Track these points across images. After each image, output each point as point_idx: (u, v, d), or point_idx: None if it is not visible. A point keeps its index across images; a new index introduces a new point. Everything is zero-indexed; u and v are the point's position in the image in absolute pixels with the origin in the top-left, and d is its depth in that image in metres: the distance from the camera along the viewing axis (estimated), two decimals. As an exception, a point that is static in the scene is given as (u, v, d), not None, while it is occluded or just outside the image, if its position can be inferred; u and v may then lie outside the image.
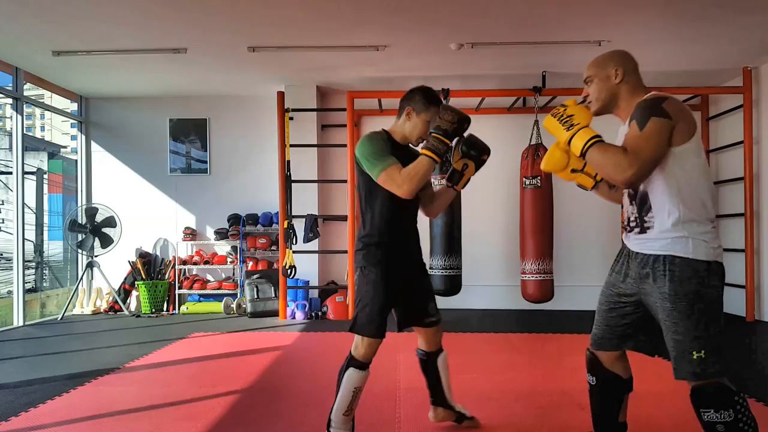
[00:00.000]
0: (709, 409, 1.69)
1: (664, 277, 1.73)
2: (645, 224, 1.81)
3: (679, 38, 4.84)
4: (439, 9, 4.24)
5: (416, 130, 2.28)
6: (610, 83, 1.90)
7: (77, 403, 2.99)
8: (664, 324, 1.75)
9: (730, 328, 5.26)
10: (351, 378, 2.21)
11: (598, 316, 2.00)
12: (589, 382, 2.06)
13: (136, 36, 4.75)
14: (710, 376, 1.69)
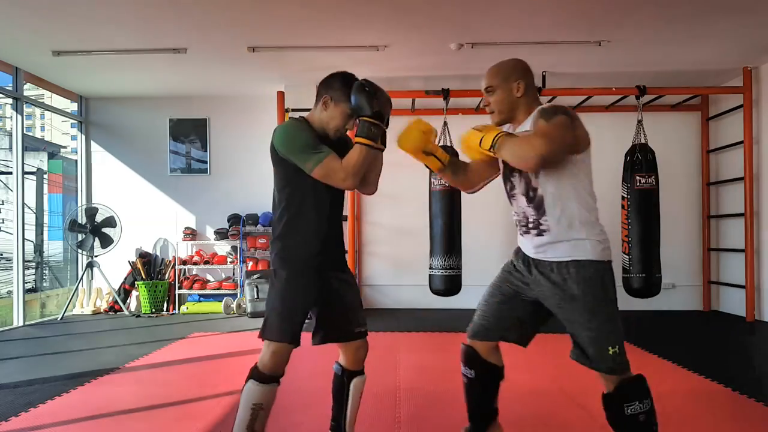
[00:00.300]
0: (633, 402, 1.78)
1: (572, 280, 1.81)
2: (541, 227, 1.88)
3: (679, 38, 4.84)
4: (439, 9, 4.24)
5: (333, 121, 2.01)
6: (512, 96, 1.93)
7: (77, 403, 2.99)
8: (572, 325, 1.84)
9: (730, 328, 5.27)
10: (250, 392, 1.94)
11: (485, 307, 2.06)
12: (467, 375, 2.10)
13: (136, 36, 4.75)
14: (624, 369, 1.80)
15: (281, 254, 1.99)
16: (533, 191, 1.89)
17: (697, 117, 6.36)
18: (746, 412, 2.82)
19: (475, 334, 2.07)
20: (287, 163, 1.95)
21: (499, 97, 1.94)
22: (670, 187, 5.95)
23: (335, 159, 1.90)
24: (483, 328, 2.05)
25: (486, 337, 2.05)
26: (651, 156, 5.16)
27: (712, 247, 6.26)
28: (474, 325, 2.09)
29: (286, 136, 1.98)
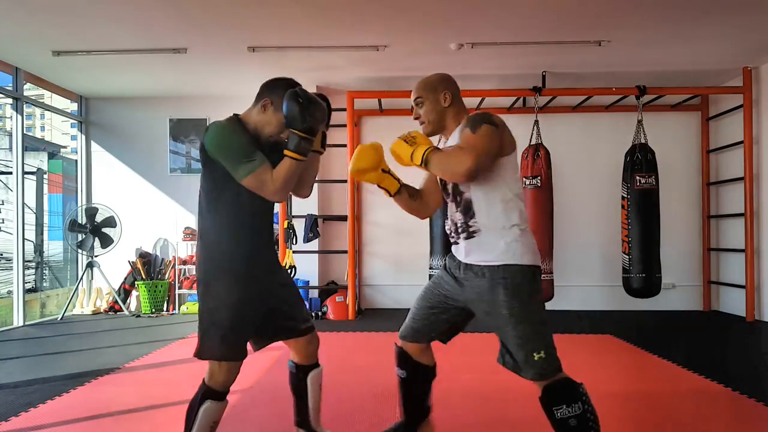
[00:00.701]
0: (561, 406, 1.77)
1: (500, 285, 1.81)
2: (470, 229, 1.90)
3: (679, 38, 4.84)
4: (439, 9, 4.24)
5: (269, 127, 1.96)
6: (440, 106, 1.98)
7: (77, 403, 2.99)
8: (500, 331, 1.85)
9: (730, 328, 5.27)
10: (209, 412, 1.91)
11: (416, 311, 2.10)
12: (399, 376, 2.15)
13: (136, 36, 4.75)
14: (552, 373, 1.80)
15: (218, 263, 1.89)
16: (460, 195, 1.94)
17: (697, 117, 6.37)
18: (746, 412, 2.82)
19: (405, 335, 2.14)
20: (217, 165, 1.86)
21: (428, 108, 1.99)
22: (670, 187, 5.95)
23: (267, 170, 1.84)
24: (412, 330, 2.12)
25: (415, 339, 2.12)
26: (651, 156, 5.16)
27: (712, 247, 6.26)
28: (405, 327, 2.15)
29: (221, 138, 1.87)
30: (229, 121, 1.94)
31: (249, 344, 2.00)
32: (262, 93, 1.99)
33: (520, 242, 1.85)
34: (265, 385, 3.32)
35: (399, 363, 2.16)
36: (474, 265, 1.89)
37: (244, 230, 1.91)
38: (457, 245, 1.98)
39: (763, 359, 4.17)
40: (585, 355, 4.06)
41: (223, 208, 1.90)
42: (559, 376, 1.82)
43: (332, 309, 5.83)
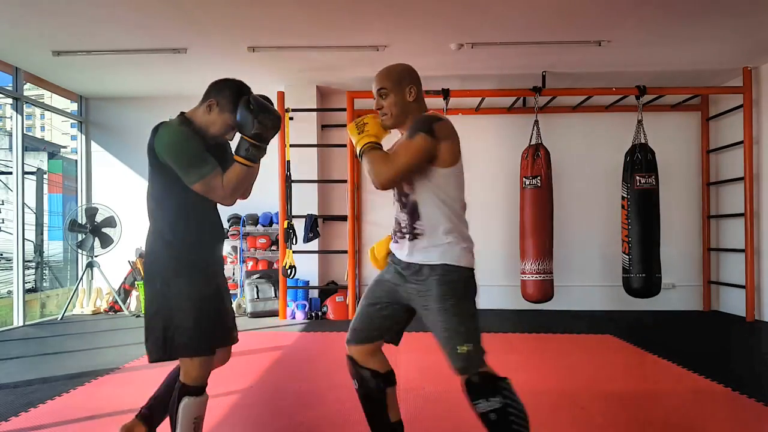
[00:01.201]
0: (479, 400, 1.80)
1: (436, 282, 1.86)
2: (415, 231, 1.93)
3: (679, 38, 4.84)
4: (439, 9, 4.24)
5: (214, 127, 1.99)
6: (404, 100, 1.95)
7: (77, 403, 2.99)
8: (434, 325, 1.88)
9: (730, 328, 5.27)
10: (189, 408, 1.89)
11: (359, 310, 2.08)
12: (354, 388, 2.08)
13: (136, 36, 4.75)
14: (475, 367, 1.83)
15: (177, 259, 1.89)
16: (405, 197, 1.95)
17: (697, 117, 6.36)
18: (746, 412, 2.82)
19: (349, 339, 2.08)
20: (168, 168, 1.87)
21: (392, 101, 1.95)
22: (670, 187, 5.95)
23: (218, 176, 1.87)
24: (354, 331, 2.06)
25: (358, 340, 2.05)
26: (651, 156, 5.16)
27: (712, 247, 6.26)
28: (349, 330, 2.09)
29: (174, 142, 1.88)
30: (180, 123, 1.96)
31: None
32: (208, 93, 2.03)
33: (458, 247, 1.89)
34: (265, 385, 3.32)
35: (350, 373, 2.07)
36: (414, 263, 1.92)
37: (198, 229, 1.95)
38: (398, 244, 2.00)
39: (763, 359, 4.17)
40: (585, 355, 4.06)
41: (181, 208, 1.92)
42: (479, 370, 1.83)
43: (332, 309, 5.83)
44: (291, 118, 5.94)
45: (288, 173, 5.77)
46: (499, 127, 6.33)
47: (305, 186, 6.12)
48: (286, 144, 5.79)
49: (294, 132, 6.00)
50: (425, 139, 1.83)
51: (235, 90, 1.99)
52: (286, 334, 4.98)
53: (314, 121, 6.27)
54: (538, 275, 5.16)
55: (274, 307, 5.92)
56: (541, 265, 5.16)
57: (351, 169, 5.81)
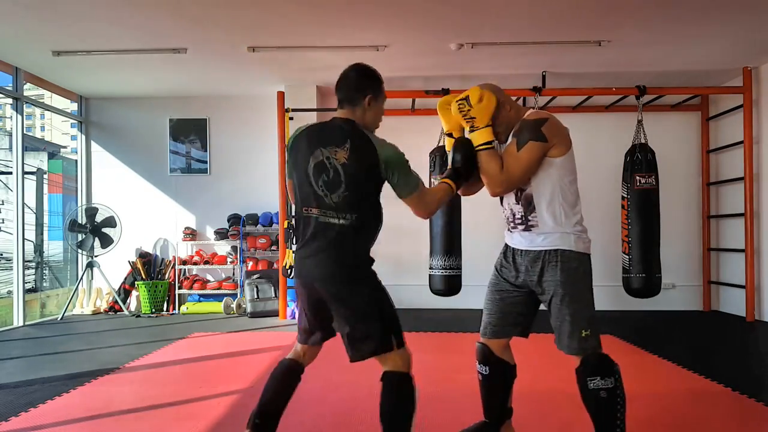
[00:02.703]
0: (595, 377, 1.96)
1: (556, 267, 1.99)
2: (529, 222, 2.06)
3: (679, 38, 4.84)
4: (439, 9, 4.24)
5: (377, 118, 2.11)
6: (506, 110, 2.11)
7: (77, 403, 2.99)
8: (555, 308, 2.01)
9: (730, 328, 5.26)
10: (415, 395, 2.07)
11: (491, 306, 2.20)
12: (481, 373, 2.20)
13: (136, 36, 4.75)
14: (593, 349, 2.00)
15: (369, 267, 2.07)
16: (520, 191, 2.06)
17: (697, 117, 6.37)
18: (746, 412, 2.82)
19: (485, 332, 2.20)
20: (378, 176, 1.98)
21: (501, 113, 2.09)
22: (670, 187, 5.95)
23: (426, 192, 2.05)
24: (491, 326, 2.18)
25: (495, 335, 2.17)
26: (651, 156, 5.16)
27: (712, 247, 6.26)
28: (483, 324, 2.21)
29: (398, 153, 1.99)
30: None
31: None
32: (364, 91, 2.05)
33: (574, 232, 2.01)
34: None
35: (481, 359, 2.20)
36: (530, 250, 2.05)
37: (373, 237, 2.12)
38: (511, 234, 2.14)
39: (763, 359, 4.17)
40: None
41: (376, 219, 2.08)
42: (599, 350, 2.00)
43: (332, 309, 5.83)
44: (291, 118, 5.94)
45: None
46: (499, 127, 6.34)
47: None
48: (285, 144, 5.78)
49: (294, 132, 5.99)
50: (534, 146, 1.97)
51: (379, 76, 2.11)
52: (286, 334, 4.98)
53: (314, 121, 6.25)
54: (538, 275, 5.15)
55: (274, 307, 5.92)
56: (541, 265, 5.16)
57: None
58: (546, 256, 2.01)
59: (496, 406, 2.21)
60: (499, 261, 2.20)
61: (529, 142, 1.95)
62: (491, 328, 2.18)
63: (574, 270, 1.98)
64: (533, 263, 2.03)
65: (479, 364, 2.20)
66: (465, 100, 2.04)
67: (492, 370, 2.18)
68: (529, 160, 1.97)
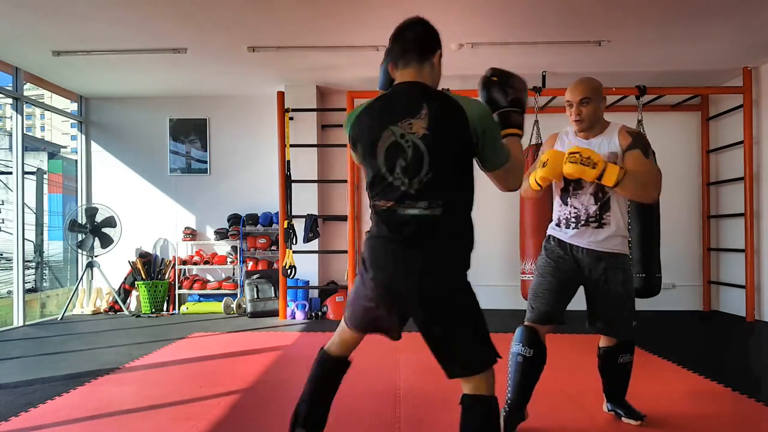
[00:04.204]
0: (626, 354, 2.51)
1: (618, 268, 2.36)
2: (603, 221, 2.34)
3: (679, 38, 4.84)
4: (439, 9, 4.24)
5: (439, 76, 1.75)
6: (600, 111, 2.43)
7: (77, 403, 2.99)
8: (615, 302, 2.38)
9: (730, 328, 5.26)
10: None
11: (549, 294, 2.40)
12: (525, 355, 2.37)
13: (136, 36, 4.75)
14: (634, 334, 2.49)
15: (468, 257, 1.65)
16: (603, 193, 2.33)
17: (697, 117, 6.36)
18: (746, 412, 2.82)
19: (539, 318, 2.40)
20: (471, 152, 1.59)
21: (592, 110, 2.40)
22: (670, 187, 5.91)
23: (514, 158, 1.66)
24: (547, 314, 2.40)
25: (549, 321, 2.40)
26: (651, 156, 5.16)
27: (712, 247, 6.26)
28: (536, 311, 2.41)
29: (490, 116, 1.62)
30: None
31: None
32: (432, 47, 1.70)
33: (627, 237, 2.39)
34: (265, 384, 3.31)
35: (527, 342, 2.38)
36: (599, 251, 2.34)
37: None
38: (582, 230, 2.36)
39: (763, 359, 4.17)
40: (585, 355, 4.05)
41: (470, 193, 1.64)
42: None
43: (332, 309, 5.83)
44: (291, 118, 5.94)
45: (288, 173, 5.77)
46: (499, 127, 6.33)
47: (305, 186, 6.12)
48: (285, 144, 5.79)
49: (294, 132, 6.00)
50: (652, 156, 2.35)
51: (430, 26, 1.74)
52: (286, 334, 4.98)
53: (314, 121, 6.27)
54: (539, 275, 5.16)
55: (274, 307, 5.92)
56: (541, 265, 5.16)
57: (350, 169, 5.81)
58: (610, 257, 2.34)
59: (530, 388, 2.41)
60: (553, 253, 2.42)
61: (651, 153, 2.34)
62: (546, 314, 2.39)
63: (628, 271, 2.38)
64: (597, 262, 2.34)
65: (524, 347, 2.37)
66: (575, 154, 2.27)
67: (536, 352, 2.37)
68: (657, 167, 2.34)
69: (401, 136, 1.55)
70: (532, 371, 2.39)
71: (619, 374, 2.53)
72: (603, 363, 2.54)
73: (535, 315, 2.41)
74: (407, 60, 1.68)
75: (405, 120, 1.55)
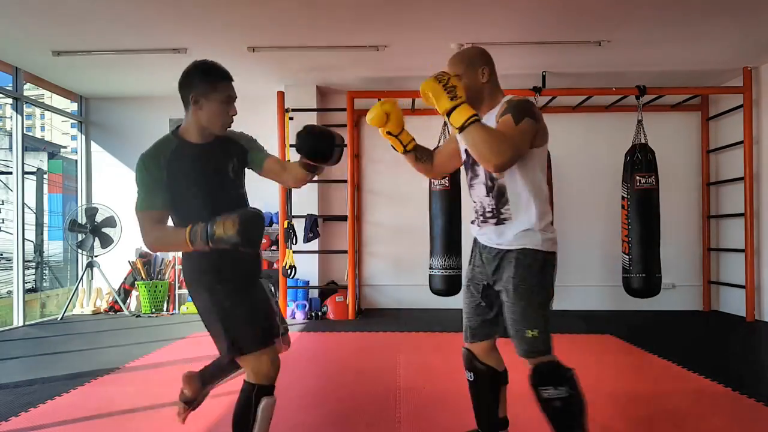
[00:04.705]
0: (548, 387, 1.84)
1: (511, 264, 1.89)
2: (501, 215, 1.93)
3: (679, 38, 4.84)
4: (439, 9, 4.24)
5: (216, 117, 2.00)
6: (478, 82, 1.96)
7: (77, 403, 2.99)
8: (506, 306, 1.91)
9: (730, 328, 5.27)
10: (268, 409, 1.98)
11: (467, 307, 2.11)
12: (468, 379, 2.11)
13: (136, 36, 4.75)
14: (541, 353, 1.86)
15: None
16: (493, 181, 1.93)
17: (697, 117, 6.37)
18: (746, 412, 2.82)
19: (467, 337, 2.11)
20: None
21: (465, 84, 1.91)
22: (670, 187, 5.95)
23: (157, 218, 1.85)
24: (470, 330, 2.09)
25: (475, 338, 2.08)
26: (651, 156, 5.16)
27: (712, 247, 6.26)
28: (464, 328, 2.13)
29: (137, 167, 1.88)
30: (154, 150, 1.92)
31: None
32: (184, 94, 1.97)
33: (542, 229, 1.90)
34: (265, 385, 3.31)
35: (466, 365, 2.12)
36: (495, 248, 1.95)
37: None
38: (483, 228, 2.00)
39: (763, 359, 4.17)
40: (585, 355, 4.06)
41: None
42: (549, 357, 1.87)
43: (332, 309, 5.83)
44: (291, 118, 5.94)
45: (288, 173, 5.76)
46: (499, 127, 6.33)
47: (305, 186, 6.09)
48: (285, 144, 5.79)
49: (294, 132, 5.99)
50: (530, 122, 1.81)
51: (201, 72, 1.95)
52: (286, 334, 4.98)
53: (314, 121, 6.26)
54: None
55: (274, 307, 5.91)
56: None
57: (351, 169, 5.81)
58: (507, 253, 1.91)
59: (485, 414, 2.12)
60: (471, 259, 2.11)
61: (526, 118, 1.80)
62: (470, 331, 2.09)
63: (529, 268, 1.87)
64: (492, 259, 1.96)
65: (466, 371, 2.12)
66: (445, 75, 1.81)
67: (477, 376, 2.08)
68: (529, 132, 1.80)
69: None
70: (479, 394, 2.11)
71: (551, 415, 1.87)
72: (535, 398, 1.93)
73: (465, 333, 2.12)
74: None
75: None
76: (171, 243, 1.84)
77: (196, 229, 1.75)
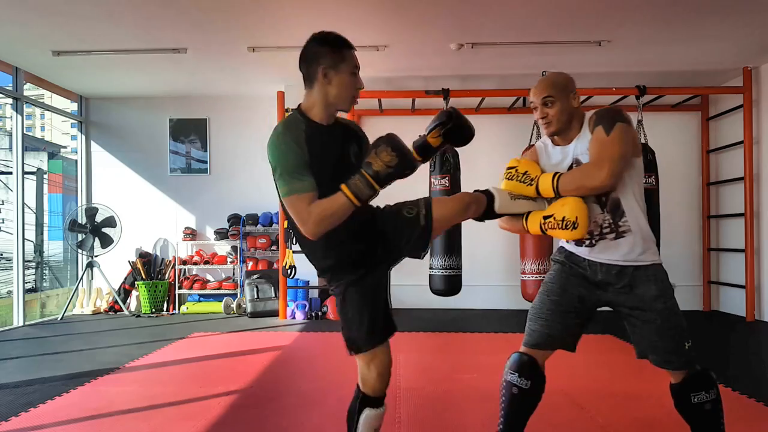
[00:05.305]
0: (700, 392, 1.90)
1: (650, 282, 1.87)
2: (620, 229, 1.89)
3: (679, 38, 4.84)
4: (439, 9, 4.24)
5: (344, 89, 1.76)
6: (571, 106, 1.96)
7: (77, 403, 2.99)
8: (653, 324, 1.86)
9: (730, 328, 5.27)
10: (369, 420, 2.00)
11: (550, 315, 2.00)
12: (520, 386, 1.98)
13: (136, 36, 4.75)
14: (696, 360, 1.90)
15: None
16: (605, 195, 1.90)
17: (697, 117, 6.37)
18: (746, 412, 2.82)
19: (537, 343, 2.00)
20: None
21: (559, 108, 1.95)
22: (670, 187, 5.95)
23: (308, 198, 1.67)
24: (547, 337, 1.99)
25: (549, 346, 2.01)
26: (651, 156, 5.16)
27: (712, 247, 6.26)
28: (535, 333, 2.01)
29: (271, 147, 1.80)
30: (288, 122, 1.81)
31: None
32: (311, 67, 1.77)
33: (652, 242, 1.92)
34: (265, 385, 3.31)
35: (523, 372, 1.98)
36: (617, 264, 1.90)
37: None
38: (599, 246, 1.92)
39: (763, 359, 4.17)
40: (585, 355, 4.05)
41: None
42: (697, 365, 1.92)
43: (332, 309, 5.83)
44: (291, 118, 5.93)
45: (288, 173, 5.76)
46: (500, 127, 6.33)
47: (305, 186, 6.10)
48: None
49: (294, 132, 5.99)
50: (623, 126, 1.80)
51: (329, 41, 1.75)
52: (286, 334, 4.98)
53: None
54: (539, 275, 5.15)
55: (274, 307, 5.92)
56: (541, 265, 5.15)
57: (351, 169, 5.80)
58: (635, 270, 1.88)
59: (523, 422, 2.03)
60: (564, 268, 2.03)
61: (618, 123, 1.79)
62: (547, 338, 1.98)
63: (663, 282, 1.88)
64: (619, 278, 1.89)
65: (519, 377, 1.98)
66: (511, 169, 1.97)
67: (534, 384, 1.98)
68: (625, 136, 1.79)
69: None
70: (526, 405, 2.01)
71: (697, 419, 1.95)
72: (676, 405, 1.99)
73: (534, 338, 2.00)
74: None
75: None
76: (335, 212, 1.65)
77: (355, 182, 1.64)
